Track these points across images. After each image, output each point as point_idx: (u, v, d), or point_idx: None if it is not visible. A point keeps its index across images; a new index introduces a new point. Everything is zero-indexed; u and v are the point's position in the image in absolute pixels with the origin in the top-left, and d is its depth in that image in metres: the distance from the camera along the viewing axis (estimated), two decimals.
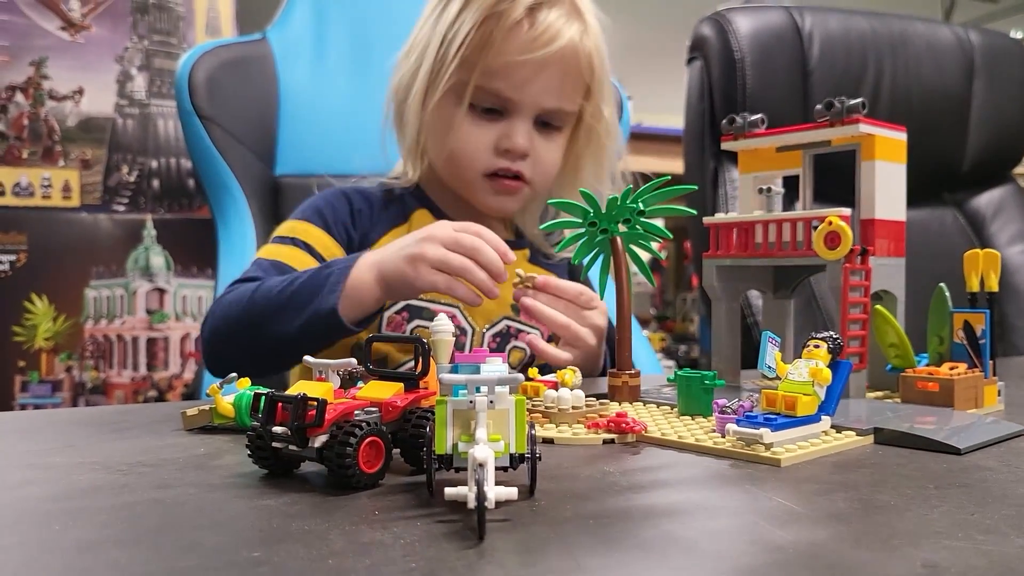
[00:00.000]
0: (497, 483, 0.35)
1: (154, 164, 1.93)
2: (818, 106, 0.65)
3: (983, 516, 0.36)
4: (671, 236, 0.70)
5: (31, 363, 1.82)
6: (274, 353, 0.81)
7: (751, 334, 1.15)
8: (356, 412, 0.41)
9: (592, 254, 0.70)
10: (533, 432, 0.38)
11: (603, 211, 0.67)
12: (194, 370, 1.92)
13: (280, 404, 0.40)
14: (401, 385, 0.44)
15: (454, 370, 0.37)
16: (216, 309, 0.85)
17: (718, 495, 0.41)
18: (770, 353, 0.54)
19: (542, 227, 0.74)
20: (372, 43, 1.31)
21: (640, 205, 0.67)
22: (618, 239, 0.68)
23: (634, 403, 0.64)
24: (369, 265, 0.78)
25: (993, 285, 0.66)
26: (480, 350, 0.39)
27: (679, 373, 0.59)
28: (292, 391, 0.41)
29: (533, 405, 0.59)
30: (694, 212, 0.73)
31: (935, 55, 1.39)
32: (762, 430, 0.46)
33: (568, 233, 0.71)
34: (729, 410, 0.50)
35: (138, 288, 1.90)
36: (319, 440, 0.39)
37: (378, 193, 1.00)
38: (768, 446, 0.46)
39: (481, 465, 0.33)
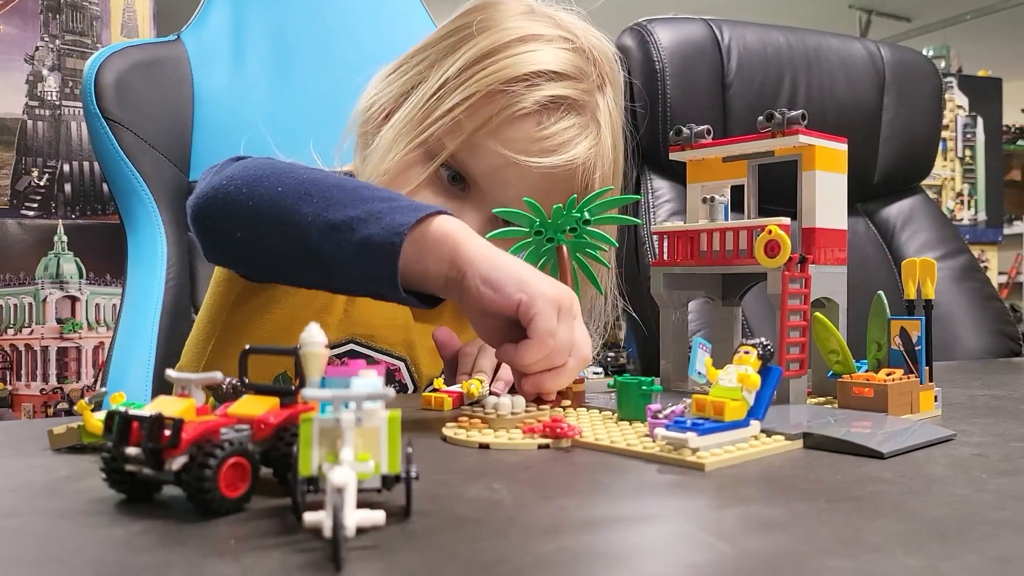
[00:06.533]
0: (371, 505, 0.32)
1: (66, 168, 1.84)
2: (760, 117, 0.66)
3: (871, 532, 0.35)
4: (617, 244, 0.71)
5: None
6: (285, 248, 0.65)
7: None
8: (224, 430, 0.38)
9: (540, 263, 0.70)
10: (409, 451, 0.36)
11: (548, 220, 0.68)
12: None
13: (136, 423, 0.37)
14: (276, 401, 0.41)
15: (321, 385, 0.35)
16: (228, 172, 0.68)
17: (651, 504, 0.40)
18: (700, 359, 0.53)
19: (489, 236, 0.71)
20: (294, 47, 1.26)
21: (585, 214, 0.67)
22: (564, 248, 0.68)
23: (578, 408, 0.65)
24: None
25: (930, 292, 0.67)
26: (356, 362, 0.37)
27: (618, 379, 0.60)
28: (149, 408, 0.38)
29: (473, 411, 0.60)
30: (640, 221, 0.73)
31: (848, 69, 1.43)
32: (688, 434, 0.46)
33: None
34: (661, 415, 0.51)
35: (48, 296, 1.81)
36: (177, 462, 0.36)
37: None
38: (694, 450, 0.47)
39: (339, 490, 0.30)
